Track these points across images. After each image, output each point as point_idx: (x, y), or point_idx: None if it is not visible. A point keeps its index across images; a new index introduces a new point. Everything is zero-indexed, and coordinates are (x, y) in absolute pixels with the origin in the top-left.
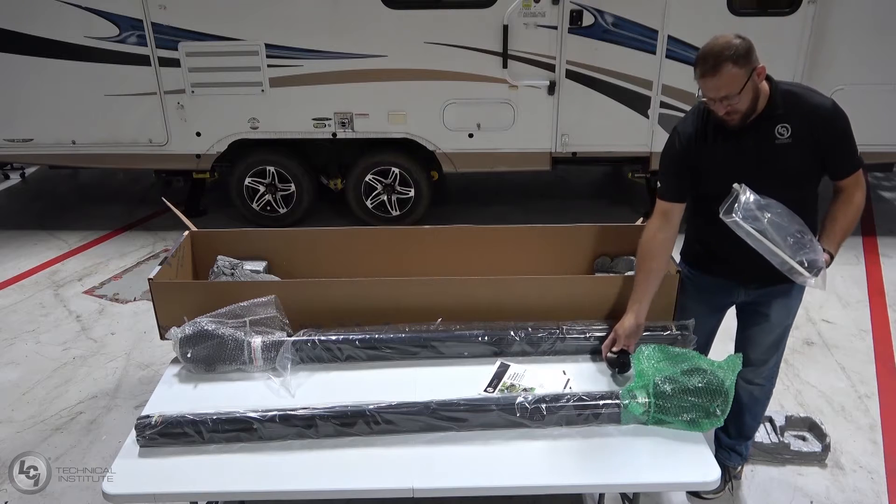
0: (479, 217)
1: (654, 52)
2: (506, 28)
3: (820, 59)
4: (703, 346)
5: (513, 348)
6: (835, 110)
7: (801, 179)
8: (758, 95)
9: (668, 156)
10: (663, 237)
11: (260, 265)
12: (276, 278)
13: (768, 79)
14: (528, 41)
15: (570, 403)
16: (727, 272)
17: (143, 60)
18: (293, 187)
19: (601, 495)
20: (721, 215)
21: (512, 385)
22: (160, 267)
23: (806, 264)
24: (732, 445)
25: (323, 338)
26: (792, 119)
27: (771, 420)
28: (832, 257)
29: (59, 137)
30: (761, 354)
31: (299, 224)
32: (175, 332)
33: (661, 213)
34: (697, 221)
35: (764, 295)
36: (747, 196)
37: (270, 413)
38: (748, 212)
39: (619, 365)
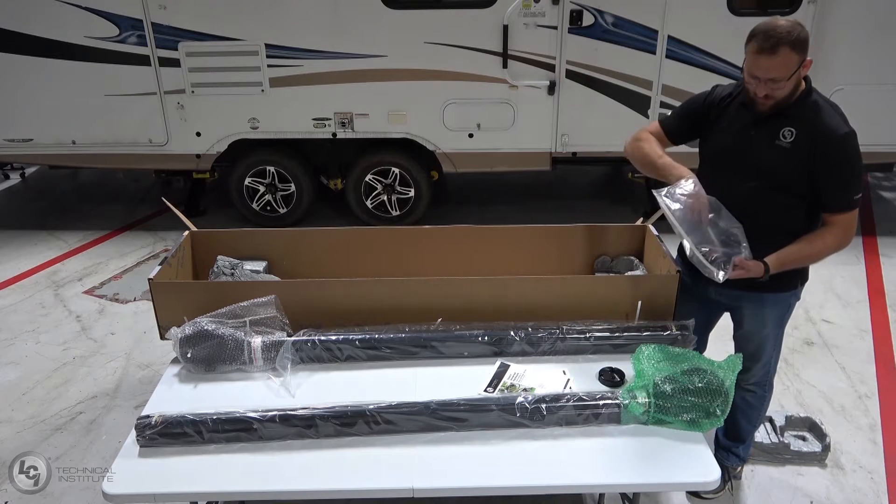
0: (479, 217)
1: (654, 52)
2: (506, 28)
3: (820, 59)
4: (698, 345)
5: (513, 348)
6: (845, 140)
7: (785, 188)
8: (797, 88)
9: (695, 96)
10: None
11: (260, 265)
12: (276, 278)
13: (806, 80)
14: (528, 41)
15: (570, 403)
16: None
17: (143, 60)
18: (293, 187)
19: (601, 495)
20: (654, 190)
21: (512, 385)
22: (160, 267)
23: (711, 256)
24: (729, 447)
25: (323, 338)
26: (800, 127)
27: (771, 420)
28: (767, 271)
29: (59, 137)
30: (744, 361)
31: (299, 224)
32: (175, 332)
33: (649, 131)
34: None
35: (736, 299)
36: (688, 184)
37: (270, 413)
38: (673, 196)
39: (611, 384)
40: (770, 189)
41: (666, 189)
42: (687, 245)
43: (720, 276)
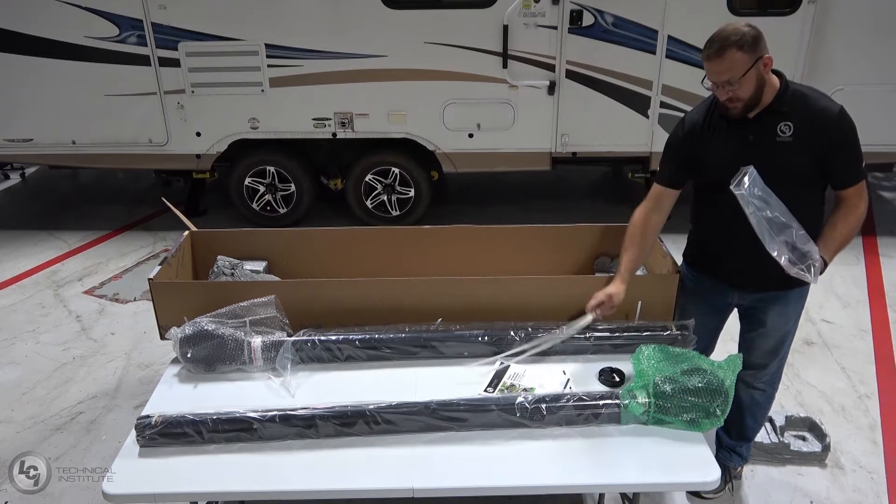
0: (479, 217)
1: (654, 52)
2: (506, 28)
3: (820, 59)
4: (705, 348)
5: (513, 348)
6: (841, 116)
7: (799, 181)
8: (763, 86)
9: (669, 141)
10: (654, 220)
11: (260, 265)
12: (276, 278)
13: (779, 75)
14: (528, 41)
15: (570, 403)
16: (721, 274)
17: (143, 60)
18: (293, 187)
19: (601, 495)
20: (731, 187)
21: (512, 385)
22: (160, 267)
23: (801, 252)
24: (733, 447)
25: (323, 338)
26: (796, 118)
27: (771, 420)
28: (826, 264)
29: (59, 137)
30: (760, 359)
31: (299, 224)
32: (175, 332)
33: (654, 197)
34: (697, 219)
35: (759, 300)
36: (755, 177)
37: (270, 413)
38: (754, 189)
39: (611, 384)
40: (785, 186)
41: (742, 186)
42: (776, 245)
43: (816, 278)
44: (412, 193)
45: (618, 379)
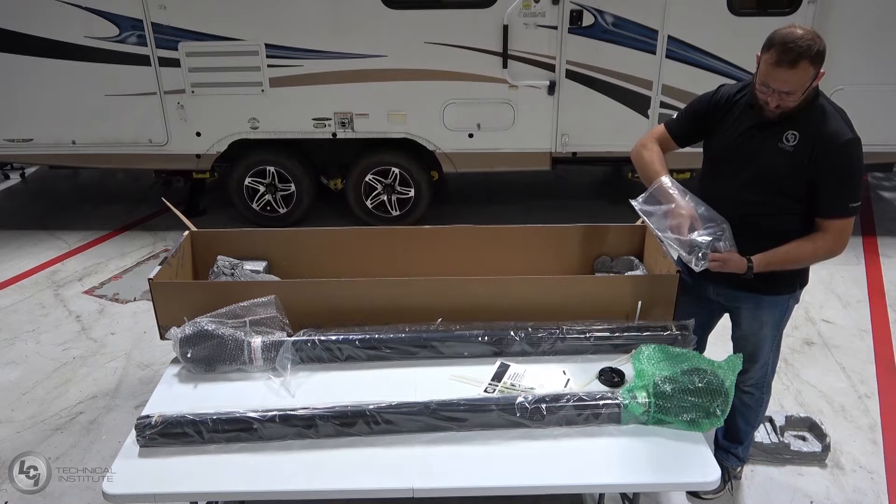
0: (479, 217)
1: (654, 52)
2: (506, 28)
3: None
4: (697, 345)
5: (513, 348)
6: (846, 146)
7: (783, 190)
8: (806, 98)
9: (698, 99)
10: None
11: (260, 265)
12: (276, 278)
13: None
14: (528, 41)
15: (570, 403)
16: None
17: (143, 60)
18: (293, 187)
19: (601, 495)
20: (630, 200)
21: (512, 385)
22: (160, 267)
23: (675, 245)
24: (728, 447)
25: (323, 338)
26: (804, 131)
27: (771, 420)
28: (750, 268)
29: (59, 137)
30: (742, 362)
31: (299, 224)
32: (175, 332)
33: (655, 136)
34: None
35: (732, 299)
36: (660, 185)
37: (270, 413)
38: (646, 199)
39: (611, 384)
40: (768, 191)
41: (641, 196)
42: (657, 235)
43: (698, 265)
44: (412, 193)
45: (618, 379)
